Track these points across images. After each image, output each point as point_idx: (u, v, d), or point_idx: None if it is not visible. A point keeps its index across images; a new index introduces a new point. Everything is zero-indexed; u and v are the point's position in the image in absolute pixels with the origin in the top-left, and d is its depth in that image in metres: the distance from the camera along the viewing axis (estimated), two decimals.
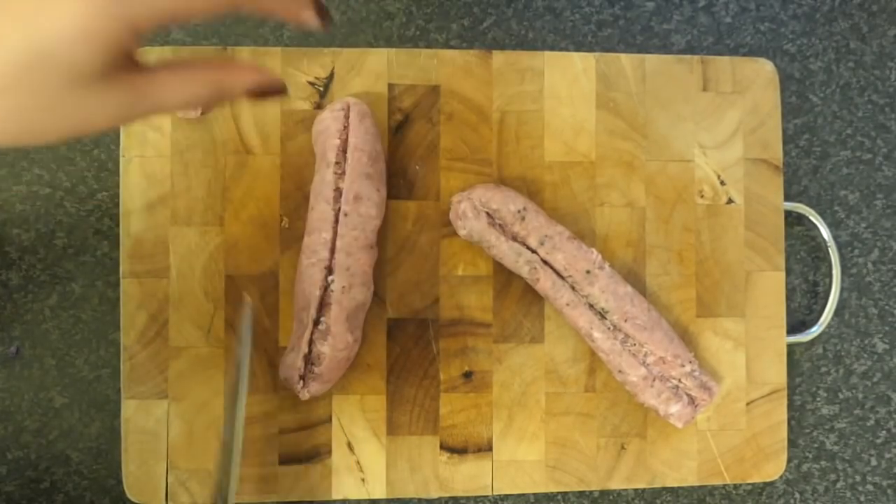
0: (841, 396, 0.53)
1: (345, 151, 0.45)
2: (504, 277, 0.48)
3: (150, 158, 0.47)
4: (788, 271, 0.52)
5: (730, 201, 0.50)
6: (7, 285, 0.48)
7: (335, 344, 0.44)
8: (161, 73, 0.31)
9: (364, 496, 0.47)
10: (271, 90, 0.33)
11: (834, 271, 0.51)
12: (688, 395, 0.47)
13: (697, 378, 0.47)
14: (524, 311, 0.49)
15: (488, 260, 0.48)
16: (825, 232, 0.51)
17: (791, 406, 0.52)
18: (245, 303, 0.45)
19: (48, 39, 0.27)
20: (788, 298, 0.52)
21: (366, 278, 0.45)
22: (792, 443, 0.52)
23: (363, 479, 0.47)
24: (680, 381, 0.47)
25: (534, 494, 0.51)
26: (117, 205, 0.47)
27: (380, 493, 0.47)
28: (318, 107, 0.48)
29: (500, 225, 0.46)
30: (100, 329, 0.49)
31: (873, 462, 0.53)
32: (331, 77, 0.48)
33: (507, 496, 0.50)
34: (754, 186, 0.50)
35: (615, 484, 0.49)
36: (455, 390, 0.48)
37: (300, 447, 0.47)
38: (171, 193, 0.47)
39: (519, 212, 0.46)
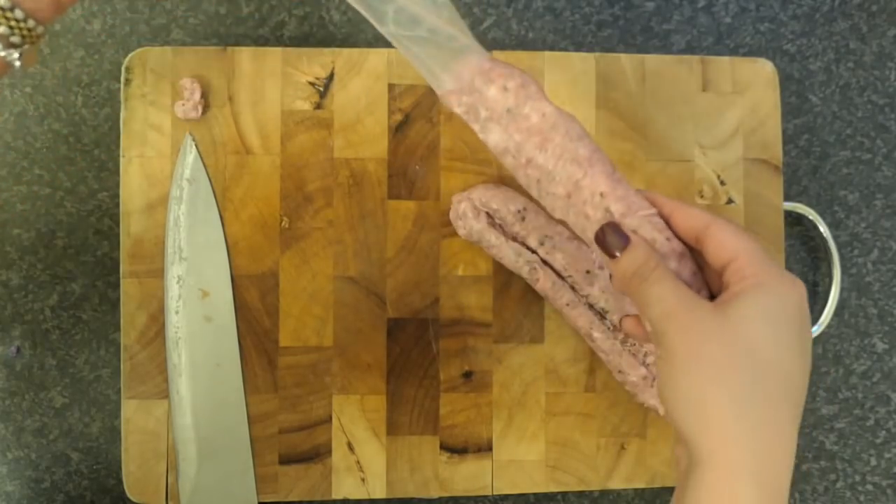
0: (840, 396, 0.53)
1: None
2: (504, 277, 0.48)
3: (150, 158, 0.47)
4: (788, 271, 0.52)
5: (729, 201, 0.50)
6: (7, 285, 0.48)
7: None
8: None
9: (364, 496, 0.47)
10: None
11: (834, 271, 0.51)
12: None
13: None
14: (524, 311, 0.49)
15: (488, 260, 0.48)
16: (825, 232, 0.51)
17: None
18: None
19: None
20: None
21: None
22: None
23: (363, 479, 0.47)
24: None
25: (534, 494, 0.51)
26: (117, 205, 0.47)
27: (380, 493, 0.47)
28: (318, 107, 0.48)
29: (500, 225, 0.46)
30: (100, 329, 0.49)
31: (873, 462, 0.53)
32: (331, 77, 0.48)
33: (507, 496, 0.50)
34: (754, 186, 0.50)
35: (615, 484, 0.49)
36: (455, 390, 0.48)
37: (300, 447, 0.47)
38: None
39: (519, 212, 0.46)
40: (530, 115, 0.37)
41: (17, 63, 0.35)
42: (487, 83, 0.37)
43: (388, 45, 0.51)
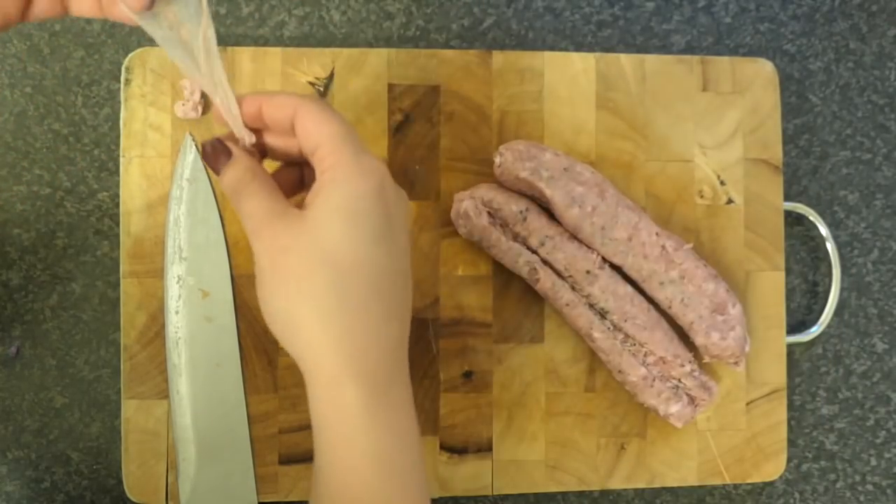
0: (841, 396, 0.53)
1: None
2: (504, 277, 0.48)
3: (150, 158, 0.47)
4: (788, 271, 0.52)
5: (730, 201, 0.50)
6: (7, 285, 0.48)
7: None
8: None
9: None
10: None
11: (834, 271, 0.51)
12: (688, 395, 0.47)
13: (697, 378, 0.47)
14: (524, 311, 0.49)
15: (488, 260, 0.48)
16: (825, 232, 0.51)
17: (791, 406, 0.52)
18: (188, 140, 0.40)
19: None
20: (788, 298, 0.52)
21: None
22: (792, 443, 0.52)
23: None
24: (680, 381, 0.47)
25: (534, 494, 0.51)
26: (117, 205, 0.47)
27: None
28: None
29: (500, 225, 0.46)
30: (100, 329, 0.49)
31: (873, 462, 0.53)
32: (331, 77, 0.48)
33: (507, 496, 0.50)
34: (754, 186, 0.50)
35: (615, 484, 0.49)
36: (455, 390, 0.48)
37: (300, 447, 0.47)
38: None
39: (521, 212, 0.46)
40: (583, 172, 0.45)
41: None
42: (542, 151, 0.45)
43: (388, 44, 0.51)
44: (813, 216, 0.51)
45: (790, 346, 0.51)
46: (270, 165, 0.36)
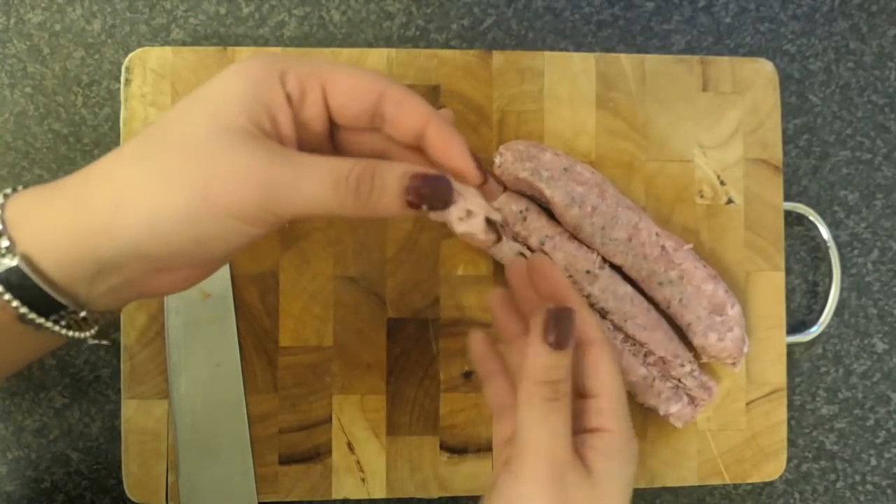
0: (841, 396, 0.53)
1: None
2: (504, 277, 0.48)
3: None
4: (788, 271, 0.52)
5: (730, 201, 0.50)
6: None
7: None
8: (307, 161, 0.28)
9: (364, 496, 0.47)
10: (431, 195, 0.27)
11: (834, 271, 0.51)
12: (688, 395, 0.47)
13: (697, 378, 0.47)
14: None
15: (488, 260, 0.48)
16: (825, 232, 0.51)
17: (791, 406, 0.52)
18: None
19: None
20: (788, 298, 0.52)
21: None
22: (792, 443, 0.52)
23: (363, 479, 0.47)
24: (680, 381, 0.47)
25: None
26: None
27: (380, 492, 0.47)
28: None
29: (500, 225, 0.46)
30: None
31: (873, 462, 0.53)
32: None
33: None
34: (754, 186, 0.50)
35: None
36: (455, 390, 0.48)
37: (300, 447, 0.47)
38: None
39: (521, 212, 0.46)
40: (583, 172, 0.45)
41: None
42: (542, 151, 0.45)
43: (388, 44, 0.51)
44: (813, 216, 0.51)
45: (790, 346, 0.51)
46: None
